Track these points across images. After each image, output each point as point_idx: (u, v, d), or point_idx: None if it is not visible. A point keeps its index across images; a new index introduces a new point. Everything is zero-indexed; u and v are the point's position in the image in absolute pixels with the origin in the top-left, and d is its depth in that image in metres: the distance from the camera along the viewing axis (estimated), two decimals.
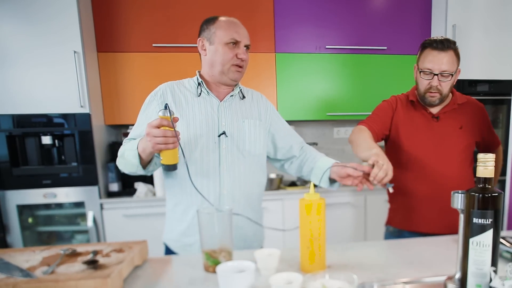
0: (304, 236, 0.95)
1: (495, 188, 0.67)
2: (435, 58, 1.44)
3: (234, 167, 1.32)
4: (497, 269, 0.68)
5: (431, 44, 1.44)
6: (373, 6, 2.81)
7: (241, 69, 1.31)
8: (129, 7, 2.53)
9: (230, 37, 1.25)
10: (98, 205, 2.42)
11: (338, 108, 2.87)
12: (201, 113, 1.30)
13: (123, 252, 1.03)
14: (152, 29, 2.56)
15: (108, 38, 2.53)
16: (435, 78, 1.45)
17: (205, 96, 1.33)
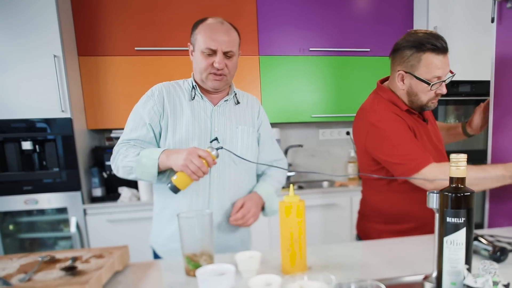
0: (284, 238, 0.96)
1: (467, 188, 0.69)
2: (442, 64, 1.25)
3: (225, 174, 1.31)
4: (471, 266, 0.69)
5: (433, 47, 1.23)
6: (356, 8, 2.84)
7: (221, 77, 1.27)
8: (111, 10, 2.50)
9: (206, 46, 1.23)
10: (81, 210, 2.39)
11: (323, 110, 2.89)
12: (193, 117, 1.29)
13: (103, 258, 1.02)
14: (134, 32, 2.54)
15: (89, 41, 2.50)
16: (443, 85, 1.28)
17: (199, 100, 1.32)
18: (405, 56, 1.28)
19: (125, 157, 1.23)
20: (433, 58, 1.23)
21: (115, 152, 1.28)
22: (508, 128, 1.41)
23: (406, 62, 1.28)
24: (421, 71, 1.26)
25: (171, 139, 1.27)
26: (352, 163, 3.15)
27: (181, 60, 2.60)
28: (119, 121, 2.58)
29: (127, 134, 1.29)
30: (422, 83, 1.27)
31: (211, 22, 1.25)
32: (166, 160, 1.16)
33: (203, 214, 1.00)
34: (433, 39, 1.23)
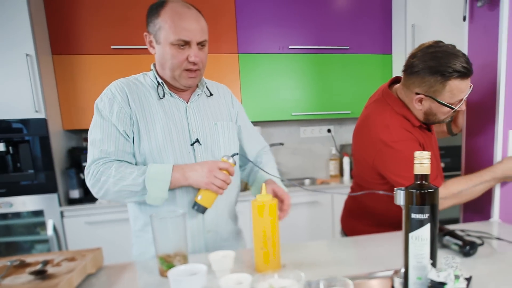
0: (257, 237, 0.96)
1: (431, 184, 0.70)
2: (465, 87, 1.20)
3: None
4: (436, 261, 0.71)
5: (461, 74, 1.16)
6: (335, 6, 2.86)
7: (196, 73, 1.12)
8: (85, 7, 2.45)
9: (177, 38, 1.05)
10: (58, 213, 2.34)
11: (304, 108, 2.91)
12: (168, 119, 1.14)
13: (75, 261, 1.00)
14: (110, 30, 2.50)
15: (63, 40, 2.45)
16: (463, 103, 1.25)
17: (168, 98, 1.16)
18: (427, 82, 1.20)
19: (119, 180, 1.06)
20: (459, 83, 1.17)
21: (97, 173, 1.07)
22: (480, 126, 1.45)
23: (428, 87, 1.21)
24: (445, 97, 1.20)
25: (146, 146, 1.12)
26: (333, 161, 3.17)
27: None
28: None
29: (102, 148, 1.09)
30: (443, 107, 1.22)
31: (176, 6, 1.07)
32: (183, 179, 1.07)
33: (177, 215, 0.99)
34: (457, 63, 1.15)
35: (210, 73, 1.31)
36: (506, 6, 1.27)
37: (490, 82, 1.36)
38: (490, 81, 1.36)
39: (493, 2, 1.32)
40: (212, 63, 2.63)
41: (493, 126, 1.37)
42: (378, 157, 1.30)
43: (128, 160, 1.13)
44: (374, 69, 2.98)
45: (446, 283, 0.62)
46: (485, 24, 1.38)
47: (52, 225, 2.32)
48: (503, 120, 1.34)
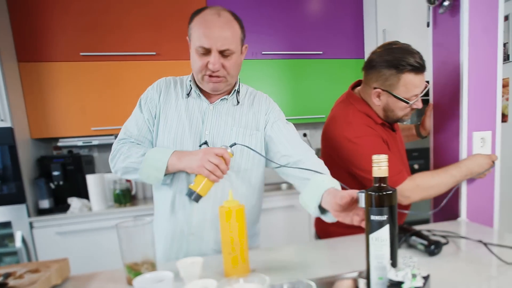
0: (225, 243, 0.95)
1: (389, 187, 0.72)
2: (420, 82, 1.26)
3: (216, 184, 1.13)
4: (396, 261, 0.72)
5: (413, 68, 1.23)
6: (308, 11, 2.90)
7: (218, 79, 1.12)
8: (52, 13, 2.40)
9: (198, 44, 1.07)
10: (27, 224, 2.27)
11: None
12: (186, 115, 1.18)
13: (39, 272, 0.97)
14: (79, 37, 2.45)
15: (30, 47, 2.39)
16: (419, 100, 1.30)
17: (195, 97, 1.21)
18: (383, 75, 1.27)
19: (127, 157, 1.15)
20: (412, 78, 1.23)
21: (115, 150, 1.20)
22: (446, 127, 1.49)
23: (384, 81, 1.27)
24: (400, 91, 1.26)
25: (161, 136, 1.20)
26: None
27: (130, 65, 2.55)
28: (66, 129, 2.49)
29: (127, 129, 1.22)
30: (400, 101, 1.27)
31: (207, 13, 1.08)
32: (178, 162, 1.09)
33: (143, 223, 0.98)
34: (410, 58, 1.21)
35: None
36: (466, 12, 1.32)
37: (454, 86, 1.41)
38: (454, 85, 1.41)
39: (454, 9, 1.37)
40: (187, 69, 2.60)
41: (458, 128, 1.42)
42: (344, 154, 1.33)
43: (147, 145, 1.22)
44: (348, 73, 3.03)
45: (404, 282, 0.63)
46: (447, 30, 1.43)
47: (20, 237, 2.24)
48: (467, 122, 1.39)
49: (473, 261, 1.01)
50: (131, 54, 2.52)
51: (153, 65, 2.59)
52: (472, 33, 1.34)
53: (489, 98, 1.40)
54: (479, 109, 1.39)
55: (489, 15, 1.35)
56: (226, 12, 1.10)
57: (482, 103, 1.40)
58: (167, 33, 2.59)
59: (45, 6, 2.39)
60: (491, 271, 0.95)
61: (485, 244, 1.09)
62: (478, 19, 1.34)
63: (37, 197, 2.40)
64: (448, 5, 1.36)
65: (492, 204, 1.46)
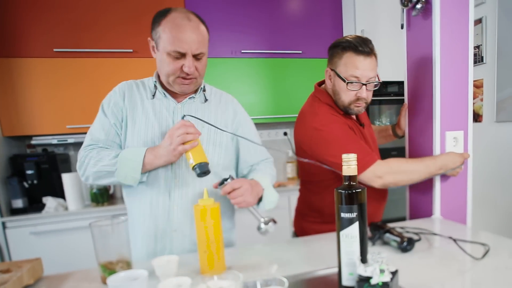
0: (201, 241, 0.96)
1: (358, 184, 0.73)
2: (361, 65, 1.27)
3: (188, 180, 1.19)
4: (365, 257, 0.74)
5: (354, 47, 1.27)
6: (287, 11, 2.92)
7: (190, 81, 1.16)
8: (25, 7, 2.34)
9: (173, 48, 1.08)
10: (0, 224, 2.22)
11: (259, 112, 2.93)
12: (154, 116, 1.19)
13: (10, 272, 0.95)
14: (52, 32, 2.40)
15: (1, 42, 2.32)
16: (363, 88, 1.30)
17: (161, 98, 1.22)
18: (332, 55, 1.35)
19: (98, 161, 1.14)
20: (353, 57, 1.27)
21: (83, 157, 1.17)
22: (420, 127, 1.53)
23: (331, 59, 1.35)
24: (341, 69, 1.31)
25: (130, 140, 1.19)
26: (290, 163, 3.22)
27: (106, 62, 2.51)
28: (41, 127, 2.43)
29: (94, 135, 1.21)
30: (342, 82, 1.31)
31: (176, 16, 1.10)
32: (156, 160, 1.10)
33: (118, 221, 0.97)
34: (358, 41, 1.26)
35: None
36: (437, 15, 1.36)
37: (427, 86, 1.45)
38: (427, 85, 1.45)
39: (426, 12, 1.40)
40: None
41: (431, 128, 1.46)
42: (313, 144, 1.35)
43: (115, 149, 1.20)
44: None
45: (372, 277, 0.65)
46: (420, 32, 1.47)
47: None
48: (440, 121, 1.43)
49: (444, 257, 1.04)
50: (107, 51, 2.48)
51: (130, 62, 2.56)
52: (443, 36, 1.38)
53: (461, 99, 1.45)
54: (451, 109, 1.44)
55: (460, 18, 1.40)
56: (193, 15, 1.14)
57: (454, 103, 1.44)
58: (144, 30, 2.55)
59: (18, 1, 2.32)
60: (460, 266, 0.98)
61: (455, 240, 1.13)
62: (450, 22, 1.38)
63: (10, 196, 2.34)
64: (420, 8, 1.40)
65: (465, 201, 1.51)
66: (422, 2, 1.39)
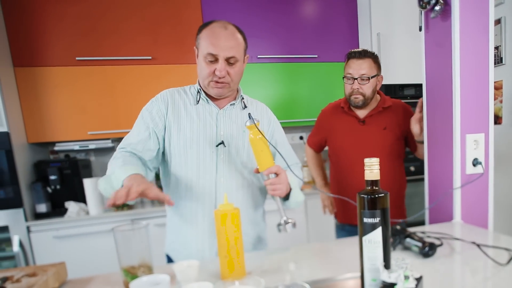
0: (221, 246, 0.96)
1: (381, 189, 0.73)
2: (354, 65, 1.70)
3: (231, 179, 1.29)
4: (389, 263, 0.73)
5: (351, 54, 1.73)
6: (303, 15, 2.91)
7: (223, 85, 1.23)
8: (48, 18, 2.41)
9: (207, 51, 1.17)
10: (25, 228, 2.27)
11: None
12: (199, 120, 1.27)
13: (36, 276, 0.98)
14: (74, 41, 2.46)
15: (25, 52, 2.39)
16: (355, 82, 1.70)
17: (204, 104, 1.29)
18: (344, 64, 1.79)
19: (109, 165, 1.20)
20: (350, 61, 1.73)
21: (112, 158, 1.24)
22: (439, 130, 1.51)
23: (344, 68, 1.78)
24: (344, 71, 1.76)
25: (175, 142, 1.26)
26: (306, 167, 3.20)
27: (126, 69, 2.56)
28: (63, 134, 2.50)
29: (127, 139, 1.27)
30: (343, 79, 1.77)
31: (215, 26, 1.20)
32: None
33: (140, 227, 0.98)
34: (357, 50, 1.72)
35: (181, 83, 1.34)
36: (457, 16, 1.34)
37: (447, 89, 1.43)
38: (446, 88, 1.43)
39: (445, 14, 1.39)
40: (182, 73, 2.64)
41: (451, 131, 1.43)
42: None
43: (146, 155, 1.26)
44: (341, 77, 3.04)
45: (396, 283, 0.65)
46: (439, 34, 1.45)
47: (18, 241, 2.24)
48: (460, 124, 1.41)
49: (467, 263, 1.02)
50: (127, 58, 2.53)
51: (149, 69, 2.60)
52: (463, 37, 1.36)
53: (481, 101, 1.42)
54: (471, 112, 1.41)
55: (480, 19, 1.37)
56: (231, 25, 1.23)
57: (475, 106, 1.42)
58: (162, 37, 2.61)
59: (41, 11, 2.39)
60: (485, 272, 0.96)
61: (479, 246, 1.11)
62: (469, 23, 1.36)
63: (34, 201, 2.40)
64: (439, 10, 1.38)
65: (486, 205, 1.48)
66: (441, 3, 1.37)
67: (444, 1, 1.37)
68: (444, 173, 1.49)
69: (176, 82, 1.27)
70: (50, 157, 2.75)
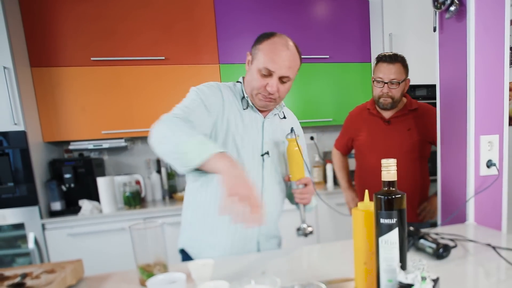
0: (359, 251, 0.82)
1: (398, 190, 0.73)
2: (385, 69, 1.76)
3: (274, 188, 1.32)
4: (405, 264, 0.74)
5: (382, 58, 1.78)
6: (314, 16, 2.91)
7: (270, 100, 1.22)
8: (64, 19, 2.44)
9: (264, 66, 1.15)
10: (40, 225, 2.31)
11: None
12: (247, 128, 1.26)
13: (54, 273, 1.00)
14: (90, 42, 2.49)
15: (42, 52, 2.43)
16: (385, 86, 1.77)
17: (250, 110, 1.28)
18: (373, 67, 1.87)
19: (176, 125, 1.04)
20: (380, 65, 1.79)
21: (168, 120, 1.08)
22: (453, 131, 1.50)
23: (373, 70, 1.87)
24: (374, 74, 1.83)
25: (221, 142, 1.22)
26: (317, 168, 3.20)
27: (138, 70, 2.58)
28: (77, 133, 2.54)
29: (182, 109, 1.14)
30: (373, 82, 1.83)
31: (277, 42, 1.17)
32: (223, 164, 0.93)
33: (156, 225, 1.00)
34: (387, 54, 1.79)
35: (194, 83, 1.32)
36: (472, 17, 1.33)
37: (461, 89, 1.42)
38: (461, 88, 1.42)
39: (460, 14, 1.38)
40: (195, 73, 2.66)
41: (465, 132, 1.42)
42: None
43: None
44: (354, 77, 3.04)
45: (413, 284, 0.65)
46: (453, 34, 1.44)
47: (33, 238, 2.28)
48: (474, 125, 1.40)
49: (482, 265, 1.02)
50: (141, 59, 2.56)
51: (162, 69, 2.62)
52: (478, 38, 1.35)
53: (496, 102, 1.41)
54: (486, 113, 1.40)
55: (496, 19, 1.36)
56: (292, 43, 1.21)
57: (489, 107, 1.41)
58: (175, 38, 2.62)
59: (57, 12, 2.43)
60: (500, 275, 0.96)
61: (494, 248, 1.10)
62: (485, 23, 1.35)
63: (49, 199, 2.44)
64: (454, 10, 1.37)
65: (500, 207, 1.47)
66: (456, 4, 1.36)
67: (459, 2, 1.36)
68: (458, 175, 1.48)
69: (189, 81, 1.28)
70: (64, 156, 2.79)
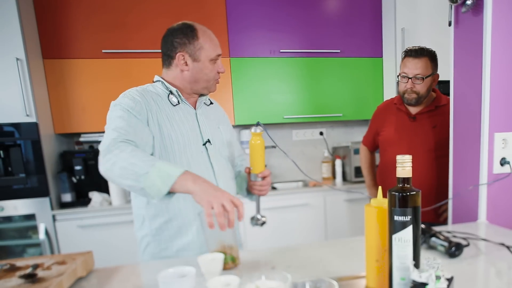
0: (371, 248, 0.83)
1: (413, 187, 0.72)
2: (409, 64, 1.73)
3: (225, 172, 1.34)
4: (419, 262, 0.72)
5: (408, 52, 1.75)
6: (326, 10, 2.88)
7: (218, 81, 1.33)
8: (76, 11, 2.45)
9: (216, 53, 1.23)
10: (50, 216, 2.34)
11: (295, 111, 2.93)
12: (182, 123, 1.25)
13: (65, 264, 1.01)
14: (101, 34, 2.50)
15: (54, 44, 2.45)
16: (409, 81, 1.74)
17: (181, 106, 1.28)
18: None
19: (133, 157, 1.00)
20: (406, 60, 1.76)
21: (112, 147, 1.04)
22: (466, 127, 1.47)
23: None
24: (400, 69, 1.80)
25: (168, 142, 1.21)
26: (326, 163, 3.19)
27: (149, 62, 2.58)
28: (88, 125, 2.55)
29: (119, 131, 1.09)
30: (398, 77, 1.81)
31: (204, 29, 1.25)
32: (191, 184, 0.95)
33: None
34: (413, 48, 1.75)
35: None
36: (489, 11, 1.30)
37: (475, 85, 1.39)
38: (475, 84, 1.39)
39: (477, 8, 1.35)
40: None
41: (479, 129, 1.40)
42: None
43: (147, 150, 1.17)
44: (365, 72, 3.01)
45: (428, 283, 0.64)
46: (469, 29, 1.41)
47: (44, 229, 2.31)
48: (489, 122, 1.37)
49: (495, 264, 1.00)
50: (151, 51, 2.55)
51: None
52: (495, 32, 1.32)
53: (511, 98, 1.38)
54: (501, 110, 1.38)
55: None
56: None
57: (504, 104, 1.38)
58: None
59: (70, 5, 2.44)
60: None
61: (508, 247, 1.08)
62: (502, 18, 1.32)
63: (60, 190, 2.47)
64: (471, 4, 1.34)
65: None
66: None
67: None
68: (471, 172, 1.46)
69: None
70: (75, 147, 2.82)
